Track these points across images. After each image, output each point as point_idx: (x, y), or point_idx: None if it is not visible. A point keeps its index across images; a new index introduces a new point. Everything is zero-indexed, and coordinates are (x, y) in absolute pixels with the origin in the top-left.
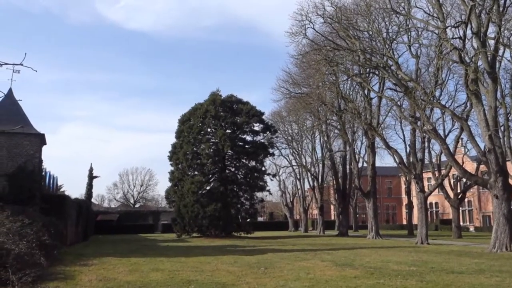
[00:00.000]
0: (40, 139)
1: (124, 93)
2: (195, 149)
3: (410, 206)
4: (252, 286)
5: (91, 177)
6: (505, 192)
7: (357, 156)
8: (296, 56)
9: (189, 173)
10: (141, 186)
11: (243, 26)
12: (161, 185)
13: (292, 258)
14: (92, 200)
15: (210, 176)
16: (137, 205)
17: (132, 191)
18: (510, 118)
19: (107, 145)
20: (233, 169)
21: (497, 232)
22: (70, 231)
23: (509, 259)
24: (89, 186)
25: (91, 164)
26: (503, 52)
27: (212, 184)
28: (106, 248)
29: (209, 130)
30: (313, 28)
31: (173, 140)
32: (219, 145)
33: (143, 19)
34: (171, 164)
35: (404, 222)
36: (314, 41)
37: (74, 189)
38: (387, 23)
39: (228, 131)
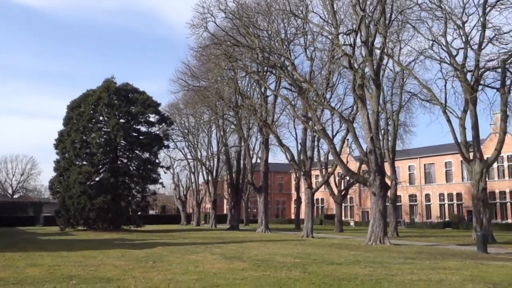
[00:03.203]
0: None
1: (7, 75)
2: (84, 137)
3: (298, 201)
4: (139, 280)
5: None
6: (382, 190)
7: (251, 152)
8: (196, 49)
9: (77, 162)
10: (21, 175)
11: (145, 12)
12: (45, 175)
13: (182, 252)
14: None
15: (100, 166)
16: (16, 196)
17: (11, 180)
18: (389, 122)
19: None
20: (125, 160)
21: (373, 227)
22: None
23: (382, 251)
24: None
25: None
26: (387, 62)
27: (102, 175)
28: None
29: (101, 118)
30: (214, 22)
31: (61, 127)
32: (111, 135)
33: None
34: (57, 153)
35: (293, 217)
36: (215, 35)
37: None
38: (285, 24)
39: (122, 120)
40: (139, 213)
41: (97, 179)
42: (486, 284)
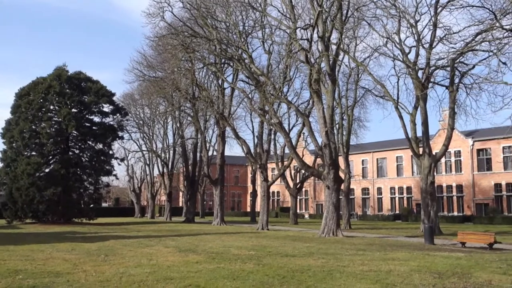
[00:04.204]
0: None
1: None
2: (34, 127)
3: (254, 194)
4: (90, 274)
5: None
6: (335, 183)
7: (208, 144)
8: (152, 38)
9: (25, 153)
10: None
11: None
12: None
13: (135, 245)
14: None
15: (50, 157)
16: None
17: None
18: (344, 117)
19: None
20: (77, 151)
21: (326, 219)
22: None
23: (334, 243)
24: None
25: None
26: (343, 58)
27: (52, 166)
28: None
29: (51, 107)
30: (172, 12)
31: (8, 115)
32: (62, 125)
33: None
34: (4, 143)
35: (248, 209)
36: (172, 25)
37: None
38: (244, 17)
39: (74, 110)
40: (91, 205)
41: (47, 170)
42: (431, 273)
